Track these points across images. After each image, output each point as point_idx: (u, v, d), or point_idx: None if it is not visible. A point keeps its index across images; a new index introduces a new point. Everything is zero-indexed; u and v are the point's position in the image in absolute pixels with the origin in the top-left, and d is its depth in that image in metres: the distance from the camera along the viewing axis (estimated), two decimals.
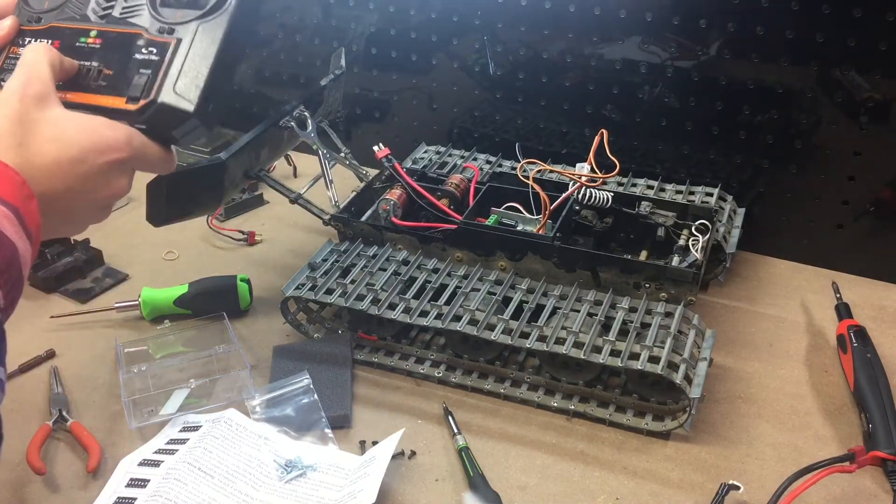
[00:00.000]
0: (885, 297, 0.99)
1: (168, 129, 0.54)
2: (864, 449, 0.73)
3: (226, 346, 0.88)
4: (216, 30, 0.55)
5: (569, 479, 0.75)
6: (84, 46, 0.56)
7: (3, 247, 0.45)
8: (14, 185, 0.46)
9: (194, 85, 0.53)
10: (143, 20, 0.56)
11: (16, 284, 0.47)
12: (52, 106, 0.51)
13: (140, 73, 0.54)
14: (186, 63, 0.53)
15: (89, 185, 0.51)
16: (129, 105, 0.53)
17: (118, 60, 0.55)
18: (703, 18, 0.98)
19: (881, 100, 0.94)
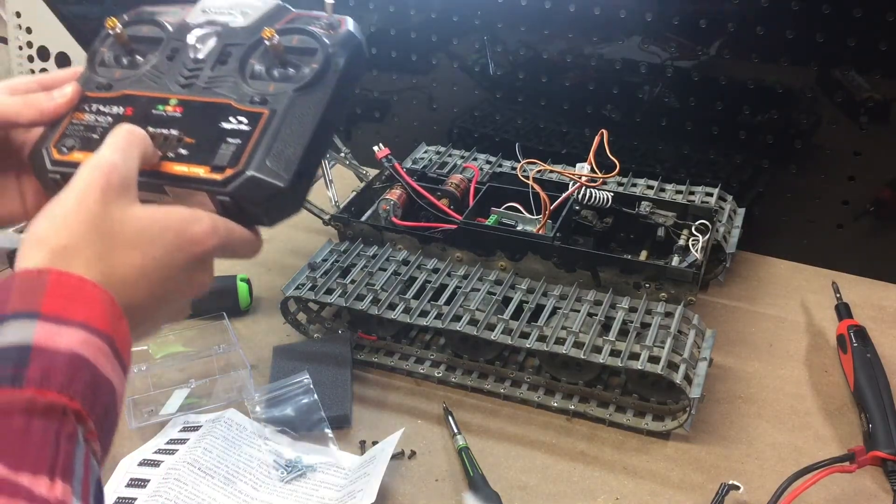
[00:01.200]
0: (885, 296, 0.99)
1: (255, 206, 0.47)
2: (864, 449, 0.73)
3: (226, 346, 0.88)
4: (315, 103, 0.49)
5: (569, 479, 0.75)
6: (162, 114, 0.50)
7: (102, 390, 0.38)
8: (104, 309, 0.40)
9: (288, 159, 0.47)
10: (232, 90, 0.50)
11: (112, 428, 0.40)
12: (132, 203, 0.44)
13: (227, 143, 0.48)
14: (280, 135, 0.48)
15: (173, 286, 0.45)
16: (214, 174, 0.47)
17: (202, 129, 0.49)
18: (703, 18, 0.98)
19: (881, 100, 0.94)
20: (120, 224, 0.42)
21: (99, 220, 0.41)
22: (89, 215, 0.41)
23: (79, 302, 0.39)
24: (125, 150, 0.45)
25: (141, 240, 0.43)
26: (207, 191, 0.47)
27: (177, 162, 0.48)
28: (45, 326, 0.37)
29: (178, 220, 0.45)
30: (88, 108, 0.52)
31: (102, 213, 0.42)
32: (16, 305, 0.37)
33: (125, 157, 0.44)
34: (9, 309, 0.37)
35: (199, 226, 0.45)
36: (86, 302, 0.39)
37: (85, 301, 0.39)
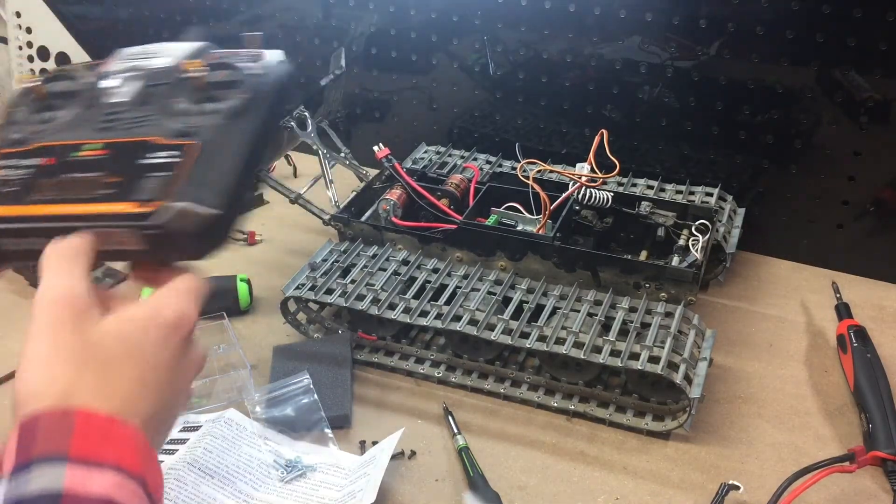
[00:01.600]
0: (885, 297, 0.99)
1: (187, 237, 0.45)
2: (864, 449, 0.73)
3: (226, 346, 0.88)
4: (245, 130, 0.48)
5: (569, 479, 0.75)
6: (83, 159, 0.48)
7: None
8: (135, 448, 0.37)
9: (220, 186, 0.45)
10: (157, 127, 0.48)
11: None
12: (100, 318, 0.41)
13: (155, 177, 0.45)
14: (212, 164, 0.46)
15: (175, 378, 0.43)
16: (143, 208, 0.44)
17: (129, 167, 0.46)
18: (703, 18, 0.98)
19: (881, 100, 0.94)
20: (101, 345, 0.40)
21: (81, 350, 0.39)
22: (71, 351, 0.39)
23: (108, 442, 0.36)
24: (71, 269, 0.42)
25: (127, 349, 0.40)
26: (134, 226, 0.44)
27: (101, 202, 0.45)
28: (76, 470, 0.35)
29: (148, 313, 0.42)
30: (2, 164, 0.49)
31: (82, 343, 0.39)
32: (42, 448, 0.35)
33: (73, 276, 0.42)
34: (34, 453, 0.35)
35: (168, 308, 0.43)
36: (115, 442, 0.37)
37: (115, 441, 0.37)
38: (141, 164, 0.46)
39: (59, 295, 0.41)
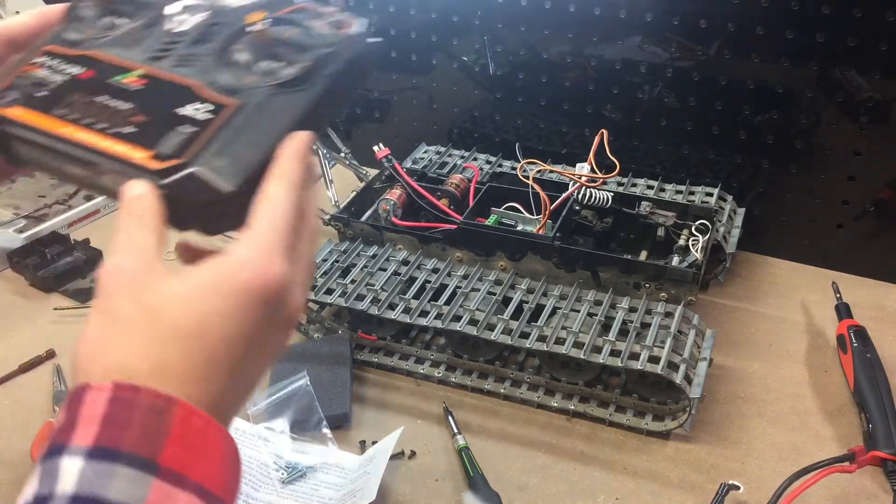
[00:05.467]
0: (885, 297, 0.99)
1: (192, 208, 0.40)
2: (864, 449, 0.73)
3: None
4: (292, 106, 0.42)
5: (569, 479, 0.75)
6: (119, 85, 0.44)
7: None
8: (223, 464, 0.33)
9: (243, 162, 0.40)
10: (202, 73, 0.44)
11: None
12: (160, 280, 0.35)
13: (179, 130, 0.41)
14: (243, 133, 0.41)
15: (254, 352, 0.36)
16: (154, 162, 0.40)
17: (158, 110, 0.42)
18: (702, 18, 0.98)
19: (881, 100, 0.94)
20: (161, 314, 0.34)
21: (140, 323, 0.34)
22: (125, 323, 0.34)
23: (199, 453, 0.32)
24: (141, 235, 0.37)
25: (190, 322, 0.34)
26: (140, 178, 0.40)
27: (117, 139, 0.41)
28: (161, 487, 0.30)
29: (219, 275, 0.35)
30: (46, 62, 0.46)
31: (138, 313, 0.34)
32: (135, 443, 0.31)
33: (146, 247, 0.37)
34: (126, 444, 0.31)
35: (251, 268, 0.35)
36: (206, 454, 0.32)
37: (205, 452, 0.32)
38: (172, 111, 0.42)
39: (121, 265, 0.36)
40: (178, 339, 0.33)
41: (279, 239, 0.36)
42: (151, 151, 0.40)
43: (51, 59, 0.46)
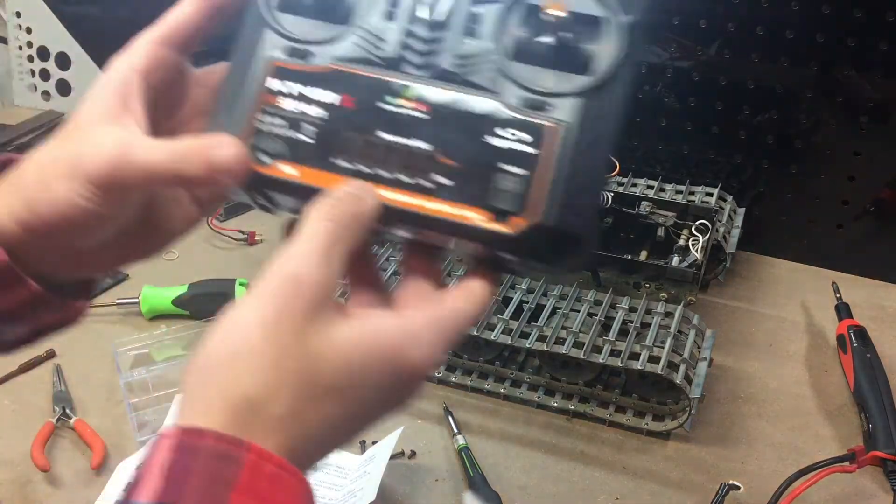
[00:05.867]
0: (886, 297, 0.99)
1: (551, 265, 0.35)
2: (864, 449, 0.73)
3: None
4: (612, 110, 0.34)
5: (569, 479, 0.75)
6: (397, 114, 0.34)
7: None
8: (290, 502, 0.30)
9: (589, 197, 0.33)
10: (494, 79, 0.34)
11: None
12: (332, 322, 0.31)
13: (505, 173, 0.33)
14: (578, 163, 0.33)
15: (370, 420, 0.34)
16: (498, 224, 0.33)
17: (461, 144, 0.34)
18: (703, 18, 0.98)
19: (881, 100, 0.94)
20: (318, 360, 0.31)
21: (295, 359, 0.30)
22: (282, 355, 0.30)
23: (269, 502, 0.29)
24: (330, 248, 0.32)
25: (343, 379, 0.31)
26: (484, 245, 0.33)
27: (436, 198, 0.33)
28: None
29: (390, 344, 0.32)
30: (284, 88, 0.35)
31: (299, 349, 0.30)
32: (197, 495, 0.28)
33: (330, 260, 0.32)
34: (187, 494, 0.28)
35: (419, 350, 0.32)
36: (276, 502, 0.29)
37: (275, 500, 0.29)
38: (481, 144, 0.34)
39: (302, 277, 0.31)
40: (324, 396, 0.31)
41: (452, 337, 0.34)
42: (486, 212, 0.33)
43: (288, 82, 0.36)
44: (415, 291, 0.36)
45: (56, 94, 1.46)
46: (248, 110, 0.36)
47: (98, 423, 0.80)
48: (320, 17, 0.37)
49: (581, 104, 0.34)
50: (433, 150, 0.34)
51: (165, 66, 0.40)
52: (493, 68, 0.35)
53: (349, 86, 0.35)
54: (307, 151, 0.35)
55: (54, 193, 0.35)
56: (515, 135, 0.33)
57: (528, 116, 0.34)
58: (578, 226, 0.33)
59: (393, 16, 0.36)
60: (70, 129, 0.37)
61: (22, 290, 0.37)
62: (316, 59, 0.36)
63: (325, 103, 0.35)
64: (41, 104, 1.47)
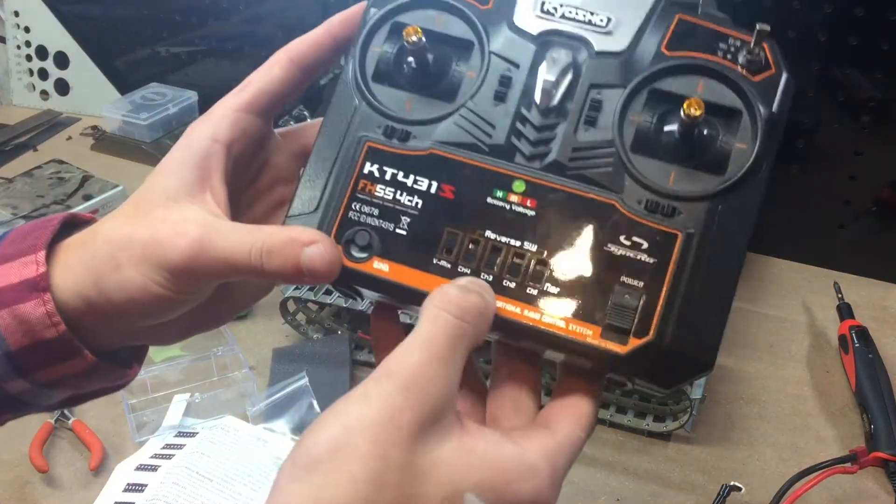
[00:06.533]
0: (887, 297, 0.99)
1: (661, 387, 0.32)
2: (865, 450, 0.73)
3: (224, 348, 0.87)
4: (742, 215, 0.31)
5: (569, 479, 0.74)
6: (505, 209, 0.31)
7: None
8: None
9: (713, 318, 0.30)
10: (611, 178, 0.31)
11: None
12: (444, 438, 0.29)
13: (623, 286, 0.30)
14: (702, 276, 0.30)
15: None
16: (609, 342, 0.30)
17: (576, 251, 0.31)
18: None
19: (883, 99, 0.94)
20: (423, 479, 0.28)
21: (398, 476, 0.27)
22: (386, 468, 0.27)
23: None
24: (453, 349, 0.29)
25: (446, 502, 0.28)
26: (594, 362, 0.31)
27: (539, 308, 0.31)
28: None
29: (504, 473, 0.29)
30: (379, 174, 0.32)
31: (404, 466, 0.27)
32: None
33: (452, 363, 0.29)
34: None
35: (533, 482, 0.29)
36: None
37: None
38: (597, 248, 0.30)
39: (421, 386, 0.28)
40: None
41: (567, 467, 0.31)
42: (598, 327, 0.30)
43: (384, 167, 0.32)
44: (513, 404, 0.33)
45: (54, 93, 1.46)
46: (339, 196, 0.33)
47: (96, 424, 0.80)
48: (420, 91, 0.34)
49: (710, 209, 0.30)
50: (542, 255, 0.31)
51: (249, 134, 0.37)
52: (613, 162, 0.31)
53: (451, 174, 0.32)
54: (400, 246, 0.32)
55: (126, 277, 0.33)
56: (635, 241, 0.30)
57: (649, 221, 0.30)
58: (696, 349, 0.30)
59: (504, 97, 0.33)
60: (143, 203, 0.35)
61: (78, 361, 0.35)
62: (415, 140, 0.33)
63: (423, 192, 0.32)
64: (39, 104, 1.47)
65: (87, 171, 1.23)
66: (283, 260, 0.32)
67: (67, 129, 1.40)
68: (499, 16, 0.33)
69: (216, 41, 1.35)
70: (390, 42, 0.35)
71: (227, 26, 1.32)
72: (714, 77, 0.32)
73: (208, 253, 0.32)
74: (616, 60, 0.32)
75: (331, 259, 0.32)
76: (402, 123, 0.33)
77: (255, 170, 0.39)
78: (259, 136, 0.38)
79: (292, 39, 0.41)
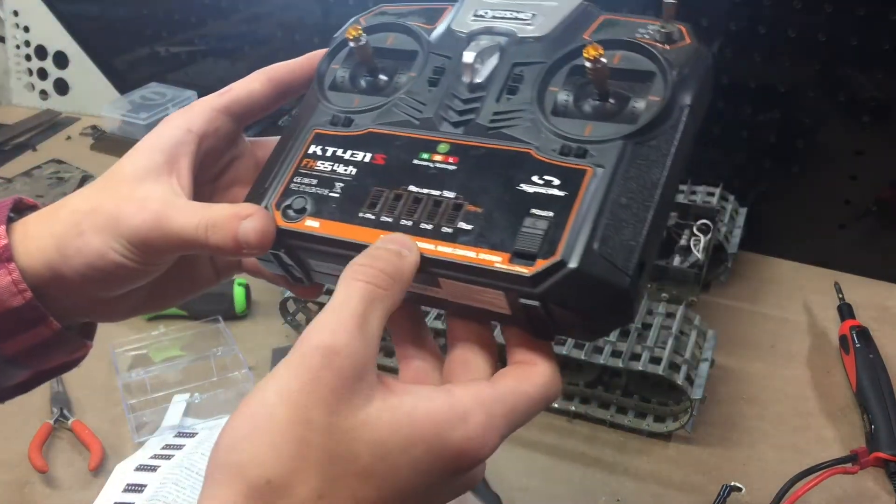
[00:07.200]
0: (888, 297, 0.99)
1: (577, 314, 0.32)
2: (866, 450, 0.73)
3: (224, 349, 0.87)
4: (658, 157, 0.33)
5: (570, 480, 0.75)
6: (428, 166, 0.35)
7: None
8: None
9: (625, 243, 0.31)
10: (528, 133, 0.35)
11: None
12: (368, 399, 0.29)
13: (533, 217, 0.32)
14: (613, 207, 0.32)
15: None
16: (518, 266, 0.31)
17: (491, 193, 0.33)
18: (704, 17, 0.97)
19: (884, 99, 0.94)
20: (349, 439, 0.28)
21: (322, 438, 0.28)
22: (308, 431, 0.27)
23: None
24: (367, 312, 0.30)
25: (377, 461, 0.28)
26: (505, 290, 0.32)
27: (456, 244, 0.32)
28: None
29: (432, 423, 0.29)
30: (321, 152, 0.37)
31: (328, 427, 0.28)
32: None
33: (367, 325, 0.30)
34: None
35: (464, 428, 0.29)
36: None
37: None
38: (512, 191, 0.33)
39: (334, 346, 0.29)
40: (355, 480, 0.28)
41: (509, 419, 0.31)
42: (508, 252, 0.31)
43: (326, 146, 0.37)
44: (462, 364, 0.34)
45: (54, 93, 1.46)
46: (284, 174, 0.37)
47: (96, 424, 0.80)
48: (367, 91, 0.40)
49: (622, 148, 0.33)
50: (461, 199, 0.34)
51: (221, 133, 0.40)
52: (532, 120, 0.35)
53: (384, 146, 0.36)
54: (332, 206, 0.35)
55: (88, 243, 0.36)
56: (546, 179, 0.33)
57: (561, 162, 0.33)
58: (605, 270, 0.31)
59: (437, 82, 0.38)
60: (112, 179, 0.38)
61: (44, 329, 0.37)
62: (356, 126, 0.38)
63: (357, 161, 0.36)
64: (39, 103, 1.46)
65: (86, 170, 1.23)
66: (224, 232, 0.35)
67: (67, 129, 1.40)
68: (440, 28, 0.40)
69: (215, 41, 1.35)
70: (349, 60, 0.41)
71: (226, 26, 1.32)
72: (630, 48, 0.36)
73: (164, 227, 0.35)
74: (539, 44, 0.37)
75: (263, 228, 0.35)
76: (347, 113, 0.39)
77: (221, 168, 0.43)
78: (230, 138, 0.41)
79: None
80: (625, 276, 0.31)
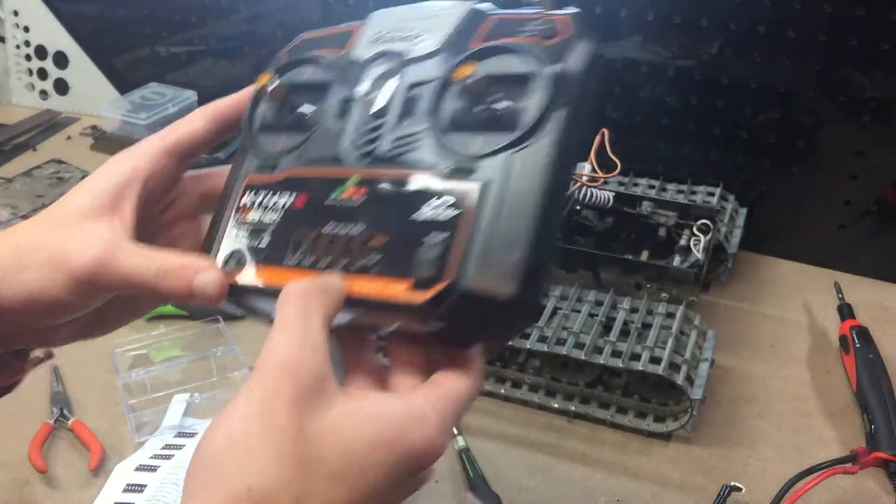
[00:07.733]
0: (888, 297, 0.99)
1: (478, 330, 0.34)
2: (866, 450, 0.73)
3: (224, 349, 0.87)
4: (539, 163, 0.33)
5: (570, 480, 0.75)
6: (340, 204, 0.36)
7: None
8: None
9: (512, 254, 0.32)
10: (427, 154, 0.35)
11: None
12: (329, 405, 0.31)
13: (428, 243, 0.33)
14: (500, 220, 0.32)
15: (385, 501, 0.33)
16: (416, 294, 0.32)
17: (395, 221, 0.34)
18: (704, 17, 0.97)
19: (883, 99, 0.94)
20: (319, 444, 0.30)
21: (294, 445, 0.30)
22: (282, 440, 0.29)
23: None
24: (307, 327, 0.32)
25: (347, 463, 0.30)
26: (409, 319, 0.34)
27: (364, 277, 0.34)
28: None
29: (394, 426, 0.32)
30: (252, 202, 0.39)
31: (297, 435, 0.30)
32: None
33: (311, 339, 0.32)
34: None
35: (421, 430, 0.32)
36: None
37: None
38: (409, 219, 0.34)
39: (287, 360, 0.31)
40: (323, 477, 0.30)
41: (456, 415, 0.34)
42: (408, 281, 0.33)
43: (255, 195, 0.39)
44: (402, 371, 0.36)
45: (54, 93, 1.46)
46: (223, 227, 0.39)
47: (96, 425, 0.80)
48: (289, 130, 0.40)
49: (506, 160, 0.34)
50: (365, 231, 0.35)
51: (166, 173, 0.42)
52: (430, 143, 0.36)
53: (302, 187, 0.38)
54: (262, 256, 0.37)
55: (31, 278, 0.37)
56: (442, 202, 0.34)
57: (452, 182, 0.34)
58: (491, 282, 0.32)
59: (344, 114, 0.39)
60: (56, 216, 0.39)
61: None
62: (279, 170, 0.39)
63: (280, 207, 0.38)
64: (39, 103, 1.46)
65: (86, 170, 1.23)
66: (176, 280, 0.37)
67: (67, 129, 1.40)
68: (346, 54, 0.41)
69: (215, 41, 1.35)
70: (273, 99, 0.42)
71: (226, 26, 1.32)
72: (506, 52, 0.36)
73: (109, 268, 0.37)
74: (431, 60, 0.38)
75: (221, 283, 0.37)
76: (272, 158, 0.40)
77: (164, 205, 0.44)
78: (174, 176, 0.43)
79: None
80: (510, 285, 0.32)
